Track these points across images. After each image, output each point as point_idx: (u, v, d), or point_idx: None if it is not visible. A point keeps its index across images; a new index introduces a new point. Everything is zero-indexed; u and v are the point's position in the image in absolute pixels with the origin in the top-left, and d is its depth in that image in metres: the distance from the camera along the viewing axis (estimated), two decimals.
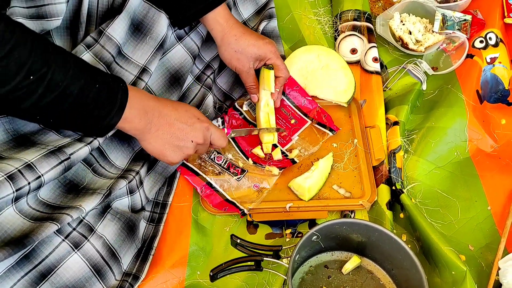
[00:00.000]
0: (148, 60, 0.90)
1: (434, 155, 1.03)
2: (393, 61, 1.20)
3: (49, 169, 0.74)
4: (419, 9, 1.23)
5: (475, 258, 0.92)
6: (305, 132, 1.06)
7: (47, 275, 0.75)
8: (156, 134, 0.83)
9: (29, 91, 0.65)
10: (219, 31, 0.96)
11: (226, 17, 0.96)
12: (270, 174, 0.98)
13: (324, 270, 0.90)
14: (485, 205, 0.99)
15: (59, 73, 0.67)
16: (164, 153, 0.85)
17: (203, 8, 0.93)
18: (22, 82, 0.64)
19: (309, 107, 1.07)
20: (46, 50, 0.67)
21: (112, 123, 0.76)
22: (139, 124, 0.80)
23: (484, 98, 1.11)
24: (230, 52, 0.98)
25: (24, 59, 0.63)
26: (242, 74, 1.01)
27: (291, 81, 1.09)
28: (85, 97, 0.71)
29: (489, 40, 1.15)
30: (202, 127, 0.87)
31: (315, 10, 1.28)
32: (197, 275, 0.90)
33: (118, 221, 0.84)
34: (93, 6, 0.86)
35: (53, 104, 0.68)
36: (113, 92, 0.75)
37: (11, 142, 0.78)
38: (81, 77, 0.70)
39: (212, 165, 0.99)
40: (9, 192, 0.70)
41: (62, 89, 0.68)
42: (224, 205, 0.95)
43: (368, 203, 0.96)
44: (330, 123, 1.05)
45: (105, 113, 0.74)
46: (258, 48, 0.98)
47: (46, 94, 0.67)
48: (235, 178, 0.98)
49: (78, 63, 0.72)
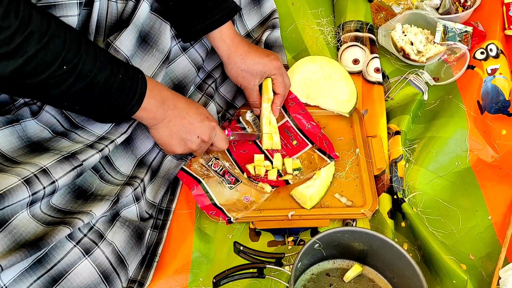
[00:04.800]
0: (154, 72, 0.92)
1: (435, 164, 1.04)
2: (395, 72, 1.21)
3: (63, 175, 0.76)
4: (421, 20, 1.24)
5: (476, 268, 0.93)
6: (304, 155, 1.06)
7: (58, 280, 0.76)
8: (167, 125, 0.86)
9: (61, 80, 0.68)
10: (225, 50, 0.98)
11: (231, 36, 0.97)
12: (262, 191, 0.97)
13: (326, 278, 0.91)
14: (486, 214, 0.99)
15: (88, 63, 0.71)
16: (169, 142, 0.89)
17: (208, 26, 0.94)
18: (56, 71, 0.67)
19: (312, 131, 1.07)
20: (78, 41, 0.70)
21: (133, 111, 0.80)
22: (156, 114, 0.83)
23: (485, 108, 1.12)
24: (237, 71, 1.00)
25: (59, 50, 0.67)
26: (246, 90, 1.03)
27: (298, 105, 1.10)
28: (110, 86, 0.74)
29: (490, 52, 1.16)
30: (210, 125, 0.91)
31: (318, 20, 1.30)
32: (199, 282, 0.91)
33: (127, 229, 0.86)
34: (102, 17, 0.88)
35: (81, 92, 0.72)
36: (134, 83, 0.78)
37: (25, 148, 0.80)
38: (108, 67, 0.74)
39: (208, 170, 0.99)
40: (26, 196, 0.71)
41: (90, 78, 0.71)
42: (211, 209, 0.94)
43: (369, 212, 0.97)
44: (330, 151, 1.04)
45: (127, 101, 0.78)
46: (263, 66, 1.00)
47: (76, 83, 0.70)
48: (228, 186, 0.98)
49: (105, 54, 0.75)
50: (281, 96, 1.04)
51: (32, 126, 0.83)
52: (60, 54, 0.67)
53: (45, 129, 0.84)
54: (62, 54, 0.67)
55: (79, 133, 0.85)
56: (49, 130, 0.84)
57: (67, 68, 0.68)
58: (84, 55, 0.70)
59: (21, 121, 0.81)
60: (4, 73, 0.63)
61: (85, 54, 0.70)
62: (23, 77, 0.66)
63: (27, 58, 0.63)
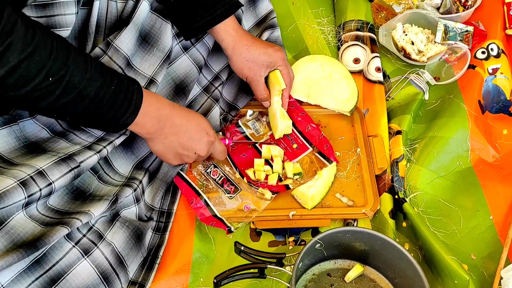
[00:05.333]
0: (155, 71, 0.91)
1: (436, 164, 1.03)
2: (395, 71, 1.21)
3: (59, 176, 0.75)
4: (422, 20, 1.24)
5: (477, 268, 0.92)
6: (304, 159, 1.05)
7: (57, 281, 0.76)
8: (163, 141, 0.85)
9: (47, 92, 0.66)
10: (230, 41, 0.97)
11: (235, 28, 0.97)
12: (262, 197, 0.97)
13: (327, 278, 0.90)
14: (487, 214, 0.99)
15: (77, 75, 0.68)
16: (165, 156, 0.89)
17: (210, 21, 0.94)
18: (41, 83, 0.65)
19: (313, 134, 1.07)
20: (67, 52, 0.68)
21: (127, 123, 0.78)
22: (151, 129, 0.82)
23: (486, 108, 1.11)
24: (242, 62, 0.99)
25: (44, 61, 0.64)
26: (253, 82, 1.02)
27: (297, 108, 1.10)
28: (100, 99, 0.72)
29: (491, 51, 1.16)
30: (209, 141, 0.90)
31: (318, 20, 1.30)
32: (200, 282, 0.90)
33: (126, 229, 0.85)
34: (102, 17, 0.87)
35: (69, 105, 0.70)
36: (128, 94, 0.76)
37: (23, 149, 0.79)
38: (98, 79, 0.72)
39: (207, 180, 0.99)
40: (21, 197, 0.71)
41: (79, 91, 0.69)
42: (211, 220, 0.94)
43: (370, 211, 0.96)
44: (330, 154, 1.03)
45: (120, 114, 0.76)
46: (269, 56, 0.99)
47: (63, 96, 0.68)
48: (228, 195, 0.97)
49: (97, 65, 0.73)
50: (288, 88, 1.04)
51: (30, 125, 0.82)
52: (45, 65, 0.64)
53: (44, 129, 0.83)
54: (47, 65, 0.64)
55: (77, 133, 0.84)
56: (47, 130, 0.83)
57: (53, 80, 0.65)
58: (72, 65, 0.67)
59: (19, 121, 0.81)
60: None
61: (73, 65, 0.68)
62: (6, 89, 0.63)
63: (9, 69, 0.61)
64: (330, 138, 1.07)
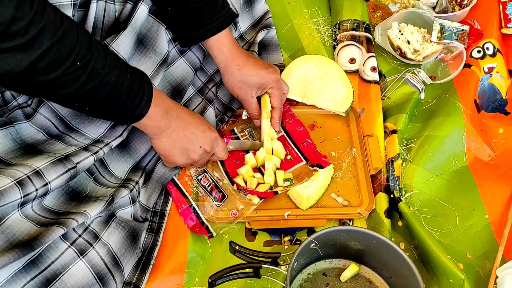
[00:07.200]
0: (151, 75, 0.91)
1: (432, 163, 1.03)
2: (391, 70, 1.21)
3: (56, 177, 0.75)
4: (417, 19, 1.24)
5: (473, 267, 0.92)
6: (297, 170, 1.03)
7: (52, 281, 0.75)
8: (170, 134, 0.86)
9: (75, 77, 0.67)
10: (222, 60, 0.97)
11: (229, 46, 0.96)
12: (250, 203, 0.96)
13: (322, 278, 0.90)
14: (483, 213, 0.99)
15: (99, 61, 0.70)
16: (172, 153, 0.88)
17: (205, 33, 0.93)
18: (70, 67, 0.66)
19: (308, 148, 1.06)
20: (88, 38, 0.69)
21: (142, 113, 0.79)
22: (161, 123, 0.83)
23: (482, 107, 1.11)
24: (233, 81, 0.99)
25: (73, 45, 0.65)
26: (244, 102, 1.02)
27: (296, 122, 1.09)
28: (119, 86, 0.73)
29: (487, 50, 1.16)
30: (212, 136, 0.91)
31: (314, 19, 1.30)
32: (195, 282, 0.90)
33: (122, 230, 0.85)
34: (99, 19, 0.87)
35: (92, 92, 0.71)
36: (142, 84, 0.77)
37: (19, 150, 0.80)
38: (117, 67, 0.73)
39: (197, 186, 0.98)
40: (17, 197, 0.71)
41: (102, 77, 0.70)
42: (197, 227, 0.94)
43: (366, 211, 0.96)
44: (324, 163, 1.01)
45: (136, 103, 0.77)
46: (260, 78, 0.98)
47: (88, 82, 0.69)
48: (215, 203, 0.96)
49: (113, 53, 0.75)
50: (278, 110, 1.03)
51: (27, 128, 0.83)
52: (74, 50, 0.65)
53: (40, 132, 0.84)
54: (76, 49, 0.66)
55: (74, 136, 0.85)
56: (43, 133, 0.84)
57: (80, 64, 0.67)
58: (96, 52, 0.69)
59: (14, 124, 0.81)
60: (17, 68, 0.61)
61: (96, 51, 0.69)
62: (36, 74, 0.64)
63: (42, 52, 0.62)
64: (325, 139, 1.07)
